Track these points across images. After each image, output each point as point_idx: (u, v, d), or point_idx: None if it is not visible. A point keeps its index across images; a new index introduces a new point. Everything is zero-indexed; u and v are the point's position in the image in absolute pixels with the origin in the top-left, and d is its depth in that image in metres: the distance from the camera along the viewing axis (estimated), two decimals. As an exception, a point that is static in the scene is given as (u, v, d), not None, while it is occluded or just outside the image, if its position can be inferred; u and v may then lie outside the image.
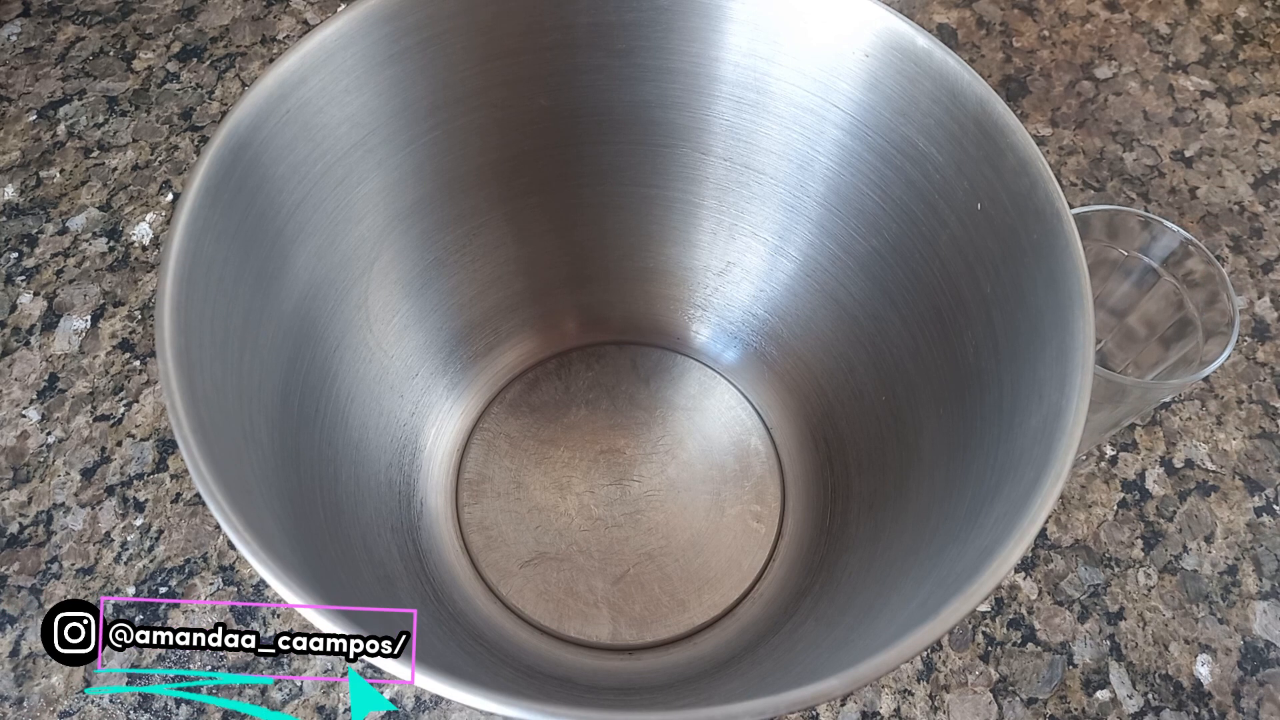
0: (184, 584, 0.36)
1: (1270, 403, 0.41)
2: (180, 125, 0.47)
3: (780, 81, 0.30)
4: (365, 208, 0.31)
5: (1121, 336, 0.37)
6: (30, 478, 0.38)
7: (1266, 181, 0.47)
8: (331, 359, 0.31)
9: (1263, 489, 0.39)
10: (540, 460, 0.38)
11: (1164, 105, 0.50)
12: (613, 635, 0.34)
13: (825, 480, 0.37)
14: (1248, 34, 0.53)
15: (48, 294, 0.42)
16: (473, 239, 0.35)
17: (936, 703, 0.34)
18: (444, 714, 0.34)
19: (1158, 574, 0.37)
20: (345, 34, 0.27)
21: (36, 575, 0.36)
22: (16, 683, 0.34)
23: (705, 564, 0.36)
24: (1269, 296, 0.44)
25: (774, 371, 0.39)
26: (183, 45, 0.50)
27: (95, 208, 0.44)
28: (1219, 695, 0.35)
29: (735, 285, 0.38)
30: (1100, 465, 0.39)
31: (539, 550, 0.36)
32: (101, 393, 0.40)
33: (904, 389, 0.32)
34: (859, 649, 0.21)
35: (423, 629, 0.22)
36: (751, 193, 0.34)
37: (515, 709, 0.18)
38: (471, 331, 0.38)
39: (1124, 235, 0.35)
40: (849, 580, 0.32)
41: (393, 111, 0.29)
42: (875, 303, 0.33)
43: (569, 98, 0.32)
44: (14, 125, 0.47)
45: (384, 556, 0.32)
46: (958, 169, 0.27)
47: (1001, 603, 0.36)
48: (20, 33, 0.50)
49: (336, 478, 0.30)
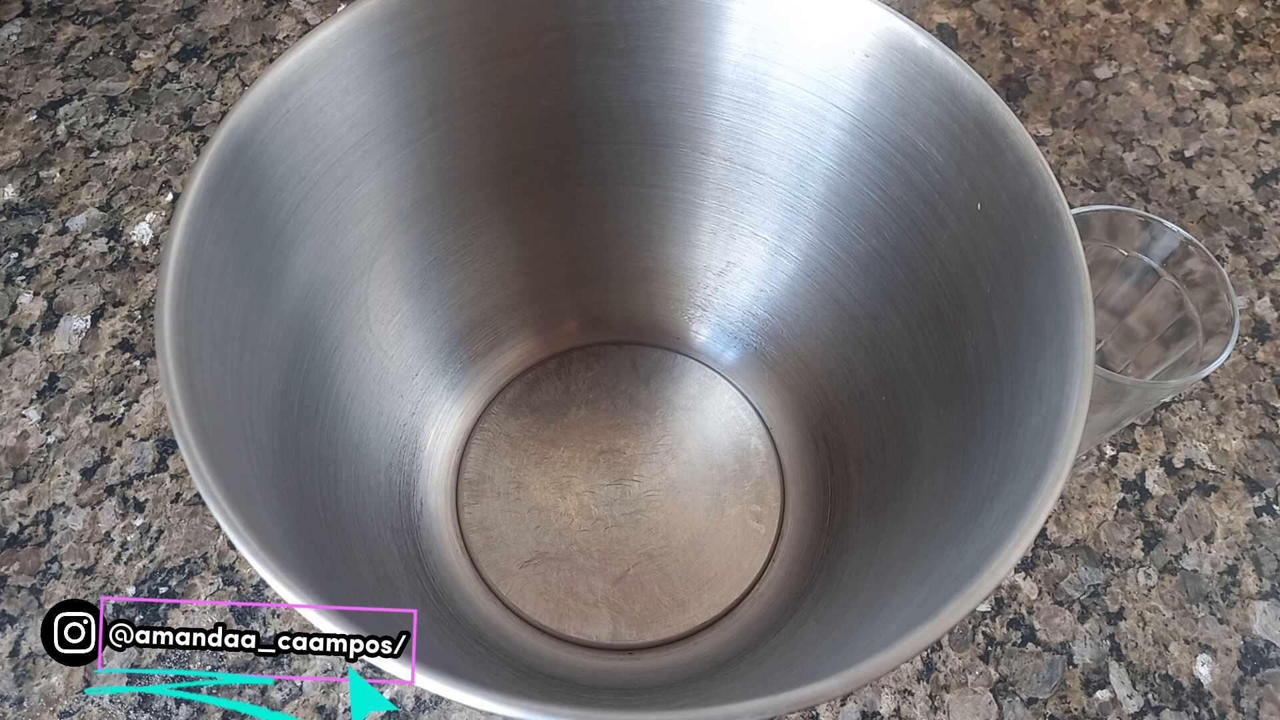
0: (184, 584, 0.36)
1: (1270, 403, 0.41)
2: (180, 125, 0.47)
3: (780, 81, 0.30)
4: (365, 208, 0.31)
5: (1121, 336, 0.37)
6: (30, 478, 0.38)
7: (1266, 181, 0.47)
8: (331, 359, 0.31)
9: (1263, 489, 0.39)
10: (540, 460, 0.38)
11: (1164, 105, 0.50)
12: (613, 635, 0.35)
13: (825, 480, 0.37)
14: (1248, 34, 0.53)
15: (48, 294, 0.42)
16: (473, 239, 0.35)
17: (936, 703, 0.34)
18: (444, 714, 0.34)
19: (1158, 574, 0.37)
20: (345, 34, 0.27)
21: (36, 575, 0.36)
22: (16, 683, 0.34)
23: (705, 564, 0.36)
24: (1269, 296, 0.44)
25: (774, 371, 0.39)
26: (183, 45, 0.50)
27: (95, 208, 0.44)
28: (1219, 695, 0.35)
29: (735, 285, 0.38)
30: (1100, 465, 0.39)
31: (539, 550, 0.36)
32: (101, 393, 0.40)
33: (904, 389, 0.32)
34: (859, 649, 0.21)
35: (423, 629, 0.22)
36: (751, 193, 0.34)
37: (515, 709, 0.18)
38: (471, 331, 0.38)
39: (1124, 235, 0.35)
40: (849, 580, 0.32)
41: (393, 111, 0.29)
42: (875, 303, 0.33)
43: (569, 98, 0.32)
44: (14, 125, 0.47)
45: (384, 556, 0.32)
46: (958, 169, 0.27)
47: (1001, 603, 0.36)
48: (20, 33, 0.50)
49: (336, 478, 0.30)
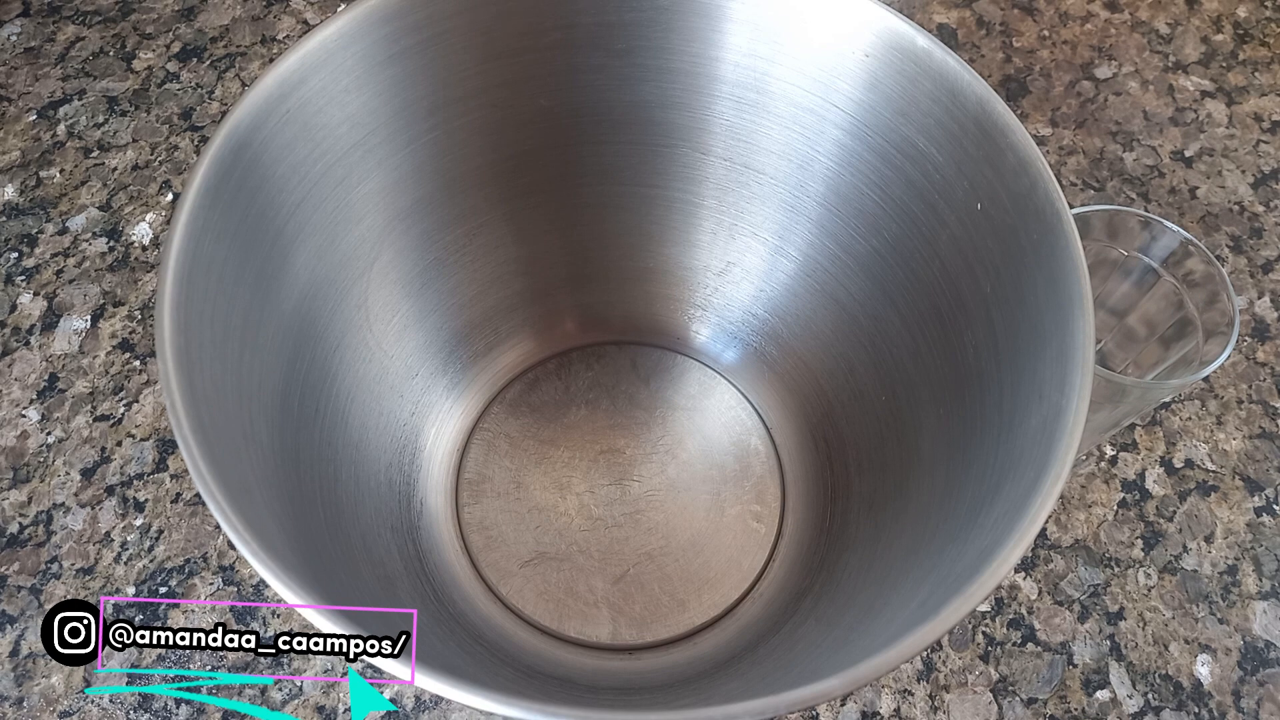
0: (184, 584, 0.36)
1: (1270, 403, 0.41)
2: (180, 125, 0.47)
3: (780, 81, 0.30)
4: (365, 208, 0.31)
5: (1121, 336, 0.37)
6: (30, 478, 0.38)
7: (1266, 181, 0.47)
8: (331, 359, 0.31)
9: (1263, 489, 0.39)
10: (540, 460, 0.38)
11: (1164, 105, 0.50)
12: (613, 635, 0.35)
13: (825, 480, 0.37)
14: (1248, 34, 0.53)
15: (48, 294, 0.42)
16: (473, 239, 0.35)
17: (936, 703, 0.34)
18: (444, 714, 0.34)
19: (1158, 574, 0.37)
20: (345, 34, 0.27)
21: (36, 575, 0.36)
22: (16, 683, 0.34)
23: (705, 564, 0.36)
24: (1269, 296, 0.44)
25: (774, 371, 0.39)
26: (183, 45, 0.50)
27: (95, 208, 0.44)
28: (1219, 695, 0.35)
29: (735, 285, 0.38)
30: (1100, 465, 0.39)
31: (539, 550, 0.36)
32: (101, 393, 0.40)
33: (904, 389, 0.32)
34: (859, 649, 0.21)
35: (423, 629, 0.22)
36: (751, 193, 0.34)
37: (515, 709, 0.18)
38: (471, 331, 0.38)
39: (1124, 235, 0.35)
40: (849, 580, 0.32)
41: (393, 111, 0.29)
42: (875, 303, 0.33)
43: (569, 98, 0.32)
44: (14, 125, 0.47)
45: (384, 556, 0.32)
46: (958, 169, 0.27)
47: (1001, 603, 0.36)
48: (20, 33, 0.50)
49: (336, 478, 0.30)
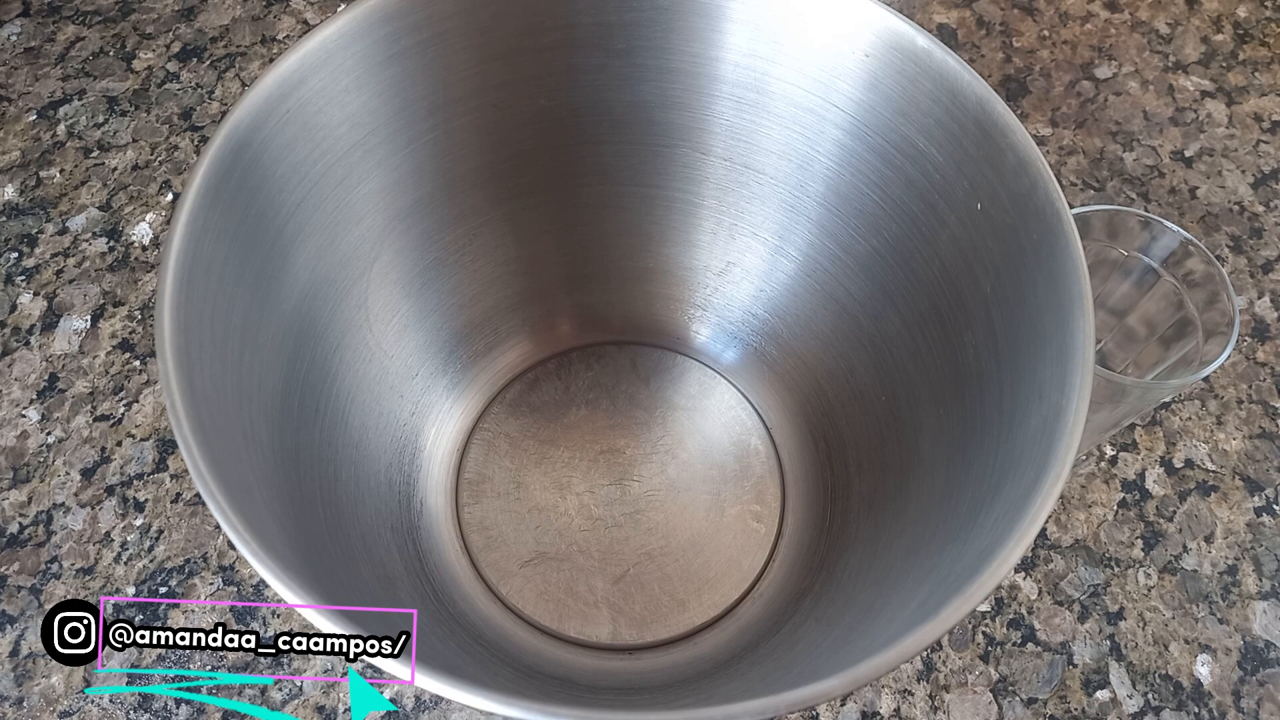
0: (184, 584, 0.36)
1: (1270, 403, 0.41)
2: (180, 125, 0.47)
3: (780, 81, 0.30)
4: (365, 208, 0.31)
5: (1121, 336, 0.37)
6: (30, 478, 0.38)
7: (1266, 181, 0.47)
8: (331, 359, 0.31)
9: (1263, 489, 0.39)
10: (540, 460, 0.38)
11: (1164, 105, 0.50)
12: (613, 635, 0.35)
13: (825, 480, 0.37)
14: (1248, 34, 0.53)
15: (48, 294, 0.42)
16: (473, 239, 0.35)
17: (936, 703, 0.34)
18: (444, 714, 0.34)
19: (1158, 574, 0.37)
20: (345, 34, 0.27)
21: (36, 575, 0.36)
22: (16, 683, 0.34)
23: (705, 564, 0.36)
24: (1269, 296, 0.44)
25: (774, 371, 0.39)
26: (183, 45, 0.50)
27: (95, 208, 0.44)
28: (1219, 695, 0.35)
29: (735, 285, 0.38)
30: (1100, 465, 0.39)
31: (539, 550, 0.36)
32: (101, 393, 0.40)
33: (904, 389, 0.32)
34: (859, 649, 0.21)
35: (423, 629, 0.22)
36: (751, 193, 0.34)
37: (515, 709, 0.18)
38: (471, 331, 0.38)
39: (1124, 235, 0.35)
40: (849, 580, 0.32)
41: (393, 111, 0.29)
42: (875, 303, 0.33)
43: (569, 98, 0.32)
44: (14, 125, 0.47)
45: (384, 556, 0.32)
46: (958, 169, 0.27)
47: (1001, 603, 0.36)
48: (20, 33, 0.50)
49: (336, 478, 0.30)
